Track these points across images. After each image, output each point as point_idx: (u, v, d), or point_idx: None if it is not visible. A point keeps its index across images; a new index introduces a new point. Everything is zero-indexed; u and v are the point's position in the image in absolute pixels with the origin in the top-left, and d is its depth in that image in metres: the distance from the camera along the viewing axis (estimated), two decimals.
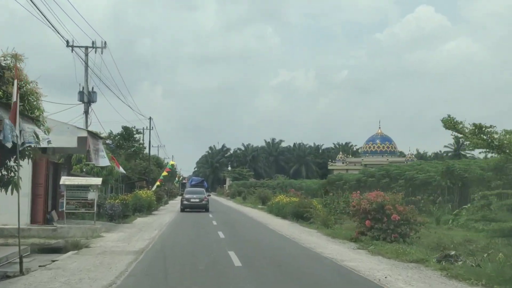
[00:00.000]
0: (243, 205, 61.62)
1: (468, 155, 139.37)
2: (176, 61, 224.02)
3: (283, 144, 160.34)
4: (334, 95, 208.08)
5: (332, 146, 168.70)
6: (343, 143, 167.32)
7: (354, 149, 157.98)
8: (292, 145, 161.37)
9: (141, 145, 59.56)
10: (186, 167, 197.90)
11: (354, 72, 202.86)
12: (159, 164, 74.69)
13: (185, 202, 42.89)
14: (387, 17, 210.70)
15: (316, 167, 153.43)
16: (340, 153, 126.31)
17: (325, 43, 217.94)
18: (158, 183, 62.12)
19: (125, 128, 55.80)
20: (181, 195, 56.64)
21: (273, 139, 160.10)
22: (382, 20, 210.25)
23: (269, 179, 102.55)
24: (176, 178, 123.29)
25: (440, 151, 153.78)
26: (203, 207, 42.33)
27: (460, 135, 12.77)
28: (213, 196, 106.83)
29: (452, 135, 13.14)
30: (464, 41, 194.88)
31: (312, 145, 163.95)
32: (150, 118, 65.58)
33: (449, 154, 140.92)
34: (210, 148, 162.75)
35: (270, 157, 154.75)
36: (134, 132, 56.91)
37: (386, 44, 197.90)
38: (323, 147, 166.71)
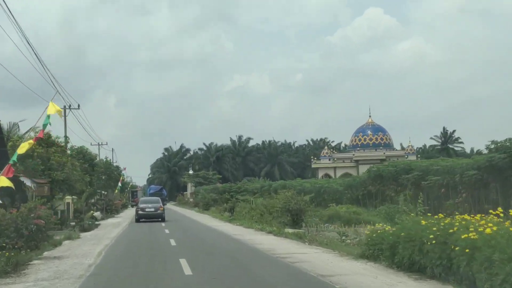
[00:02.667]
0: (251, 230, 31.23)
1: (456, 148, 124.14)
2: (130, 68, 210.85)
3: (251, 143, 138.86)
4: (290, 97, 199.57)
5: (306, 143, 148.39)
6: (317, 139, 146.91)
7: (332, 144, 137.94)
8: (261, 143, 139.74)
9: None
10: (140, 175, 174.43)
11: (308, 74, 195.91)
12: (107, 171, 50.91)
13: (140, 212, 40.72)
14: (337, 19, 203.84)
15: (291, 167, 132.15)
16: (326, 148, 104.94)
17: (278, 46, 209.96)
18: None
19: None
20: (133, 205, 61.35)
21: (239, 137, 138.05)
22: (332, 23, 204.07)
23: (247, 181, 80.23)
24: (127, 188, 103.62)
25: (425, 144, 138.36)
26: (158, 217, 40.33)
27: None
28: (172, 207, 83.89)
29: None
30: (416, 42, 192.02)
31: (283, 142, 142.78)
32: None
33: (437, 147, 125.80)
34: (166, 150, 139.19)
35: (237, 157, 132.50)
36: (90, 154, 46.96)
37: (338, 46, 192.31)
38: (296, 144, 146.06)
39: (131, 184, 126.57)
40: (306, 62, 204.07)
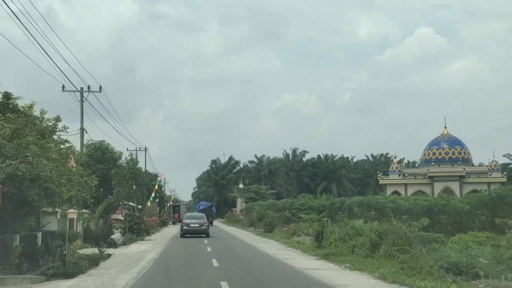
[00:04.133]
0: None
1: None
2: (177, 85, 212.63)
3: (307, 157, 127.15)
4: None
5: (365, 158, 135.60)
6: (378, 154, 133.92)
7: (394, 160, 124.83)
8: (316, 157, 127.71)
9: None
10: (185, 189, 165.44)
11: (356, 93, 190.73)
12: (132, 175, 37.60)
13: (185, 228, 40.58)
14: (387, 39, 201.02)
15: (350, 184, 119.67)
16: (395, 162, 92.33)
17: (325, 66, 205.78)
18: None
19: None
20: (174, 223, 70.21)
21: (294, 150, 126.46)
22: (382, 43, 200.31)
23: (311, 197, 68.53)
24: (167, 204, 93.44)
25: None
26: (203, 232, 40.09)
27: None
28: (221, 225, 72.64)
29: None
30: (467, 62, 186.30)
31: (340, 156, 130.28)
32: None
33: (510, 166, 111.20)
34: (214, 162, 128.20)
35: (290, 172, 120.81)
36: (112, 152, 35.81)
37: (387, 66, 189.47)
38: (355, 159, 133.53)
39: (172, 198, 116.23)
40: (353, 81, 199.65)
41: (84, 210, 29.14)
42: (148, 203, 53.70)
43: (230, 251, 26.15)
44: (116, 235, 29.28)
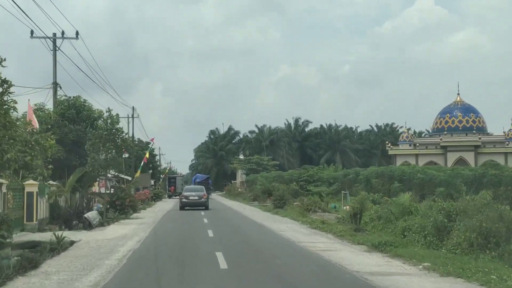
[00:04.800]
0: None
1: None
2: (176, 57, 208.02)
3: (310, 127, 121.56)
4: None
5: (370, 128, 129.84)
6: (383, 124, 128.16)
7: (405, 130, 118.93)
8: (319, 127, 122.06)
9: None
10: (183, 160, 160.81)
11: (355, 65, 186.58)
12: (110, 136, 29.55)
13: (184, 200, 40.64)
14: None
15: (355, 155, 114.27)
16: (405, 131, 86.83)
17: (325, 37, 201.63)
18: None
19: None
20: (170, 196, 69.54)
21: (296, 120, 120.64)
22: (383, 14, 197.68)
23: (321, 167, 63.04)
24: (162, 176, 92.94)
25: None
26: (202, 205, 39.95)
27: None
28: (220, 198, 67.50)
29: None
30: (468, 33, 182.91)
31: (344, 126, 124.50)
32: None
33: None
34: (212, 132, 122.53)
35: (293, 142, 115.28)
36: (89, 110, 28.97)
37: (387, 37, 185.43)
38: (359, 129, 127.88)
39: (168, 169, 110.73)
40: (353, 53, 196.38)
41: (52, 182, 23.67)
42: (137, 174, 48.03)
43: (239, 238, 19.63)
44: (92, 214, 23.42)
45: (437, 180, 29.89)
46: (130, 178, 45.99)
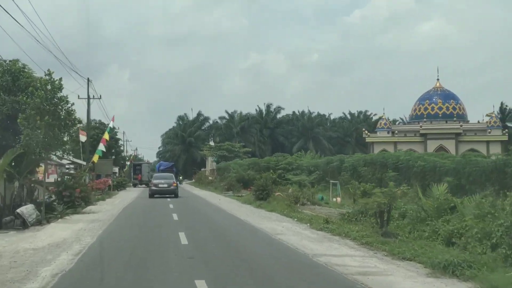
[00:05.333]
0: None
1: None
2: (144, 42, 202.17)
3: (282, 114, 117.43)
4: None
5: (343, 115, 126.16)
6: (356, 112, 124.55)
7: (373, 118, 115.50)
8: (291, 113, 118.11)
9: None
10: (151, 147, 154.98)
11: (324, 53, 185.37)
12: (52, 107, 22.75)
13: (153, 188, 40.35)
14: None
15: (328, 143, 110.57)
16: (384, 117, 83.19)
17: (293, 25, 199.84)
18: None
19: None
20: (135, 185, 67.19)
21: (268, 106, 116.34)
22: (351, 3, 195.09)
23: (300, 154, 58.91)
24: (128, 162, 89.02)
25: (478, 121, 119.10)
26: (172, 192, 40.01)
27: None
28: (190, 188, 62.98)
29: None
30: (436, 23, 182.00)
31: (317, 113, 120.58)
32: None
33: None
34: (181, 118, 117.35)
35: (264, 129, 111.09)
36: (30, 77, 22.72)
37: (356, 26, 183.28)
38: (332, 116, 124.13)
39: (132, 155, 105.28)
40: (322, 42, 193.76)
41: None
42: (95, 158, 42.83)
43: (223, 244, 14.60)
44: (27, 208, 18.17)
45: (443, 168, 25.87)
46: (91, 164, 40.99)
